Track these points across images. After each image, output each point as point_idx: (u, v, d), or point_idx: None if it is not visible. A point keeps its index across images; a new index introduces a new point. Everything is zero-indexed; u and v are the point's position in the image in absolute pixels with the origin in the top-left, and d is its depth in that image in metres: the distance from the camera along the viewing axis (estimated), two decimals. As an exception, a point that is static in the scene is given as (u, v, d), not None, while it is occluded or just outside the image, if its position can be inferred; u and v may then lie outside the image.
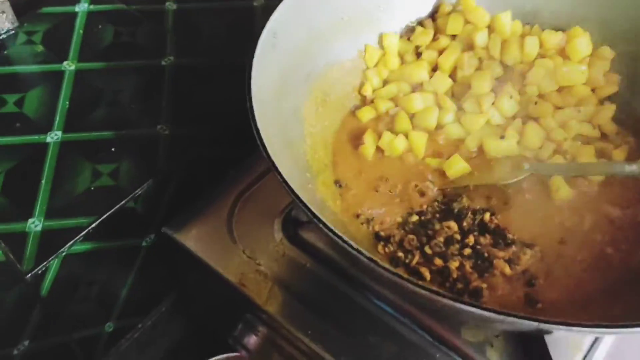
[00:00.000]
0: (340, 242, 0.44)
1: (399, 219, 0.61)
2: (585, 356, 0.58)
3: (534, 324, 0.42)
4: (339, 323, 0.60)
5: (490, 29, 0.71)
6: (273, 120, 0.57)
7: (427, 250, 0.57)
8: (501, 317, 0.42)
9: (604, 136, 0.66)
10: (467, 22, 0.71)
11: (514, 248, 0.58)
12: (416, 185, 0.63)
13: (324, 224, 0.45)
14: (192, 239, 0.68)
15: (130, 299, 0.74)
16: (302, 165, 0.61)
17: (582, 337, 0.57)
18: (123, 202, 0.65)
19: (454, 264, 0.55)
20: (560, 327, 0.42)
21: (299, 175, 0.58)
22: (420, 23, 0.74)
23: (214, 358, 0.75)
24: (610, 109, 0.67)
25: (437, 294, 0.43)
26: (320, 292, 0.63)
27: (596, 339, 0.59)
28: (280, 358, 0.73)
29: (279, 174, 0.48)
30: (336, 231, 0.45)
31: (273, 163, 0.48)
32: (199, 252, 0.67)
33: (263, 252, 0.66)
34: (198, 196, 0.71)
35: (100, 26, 0.83)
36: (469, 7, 0.72)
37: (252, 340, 0.76)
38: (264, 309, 0.62)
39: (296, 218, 0.68)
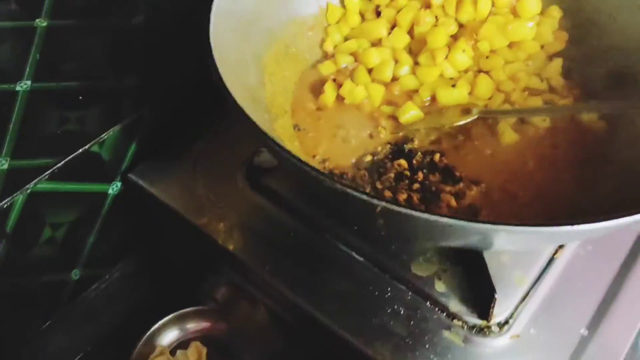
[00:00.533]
0: (305, 167, 0.46)
1: (353, 160, 0.63)
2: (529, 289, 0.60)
3: (473, 226, 0.44)
4: (297, 261, 0.63)
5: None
6: (234, 66, 0.60)
7: (378, 185, 0.60)
8: (443, 219, 0.43)
9: (552, 89, 0.70)
10: (423, -20, 0.75)
11: (461, 185, 0.61)
12: (371, 131, 0.66)
13: (290, 154, 0.47)
14: (157, 186, 0.71)
15: (97, 247, 0.75)
16: (261, 107, 0.63)
17: (524, 272, 0.60)
18: (88, 145, 0.67)
19: (402, 196, 0.58)
20: (496, 226, 0.43)
21: (257, 117, 0.61)
22: (381, -18, 0.77)
23: (182, 311, 0.77)
24: (557, 64, 0.70)
25: (385, 201, 0.44)
26: (280, 233, 0.65)
27: (539, 277, 0.61)
28: (246, 308, 0.75)
29: (244, 114, 0.50)
30: (302, 159, 0.47)
31: (238, 107, 0.50)
32: (164, 198, 0.70)
33: (226, 198, 0.68)
34: (164, 144, 0.73)
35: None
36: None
37: (219, 292, 0.79)
38: (225, 248, 0.64)
39: (258, 166, 0.70)
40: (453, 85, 0.68)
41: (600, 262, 0.61)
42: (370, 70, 0.71)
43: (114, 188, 0.74)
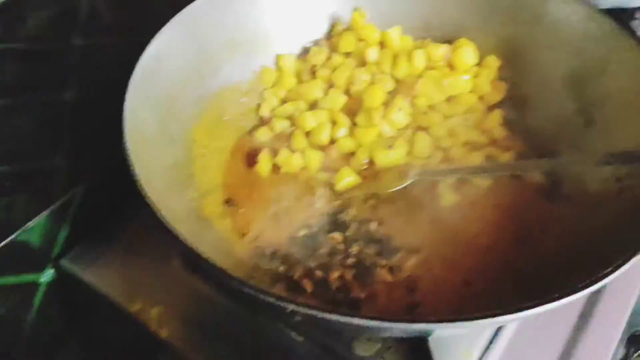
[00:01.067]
0: (214, 268, 0.43)
1: (288, 235, 0.60)
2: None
3: (401, 326, 0.42)
4: (237, 345, 0.59)
5: (382, 45, 0.73)
6: (155, 146, 0.57)
7: (311, 262, 0.57)
8: (372, 322, 0.41)
9: (493, 142, 0.68)
10: (359, 39, 0.73)
11: (398, 255, 0.58)
12: (307, 201, 0.63)
13: (196, 252, 0.45)
14: (90, 271, 0.67)
15: (31, 343, 0.71)
16: (189, 186, 0.61)
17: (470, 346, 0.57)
18: (14, 235, 0.64)
19: (334, 275, 0.55)
20: (431, 324, 0.41)
21: (182, 199, 0.58)
22: (316, 43, 0.76)
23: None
24: (497, 115, 0.68)
25: (295, 303, 0.42)
26: (218, 317, 0.61)
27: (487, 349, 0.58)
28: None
29: (152, 204, 0.47)
30: (209, 259, 0.44)
31: (148, 198, 0.48)
32: (96, 283, 0.66)
33: (161, 281, 0.65)
34: (98, 226, 0.71)
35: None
36: (359, 24, 0.73)
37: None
38: (158, 335, 0.61)
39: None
40: (390, 147, 0.65)
41: (551, 326, 0.58)
42: (307, 134, 0.69)
43: (46, 276, 0.70)
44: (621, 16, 0.79)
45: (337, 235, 0.59)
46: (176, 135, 0.63)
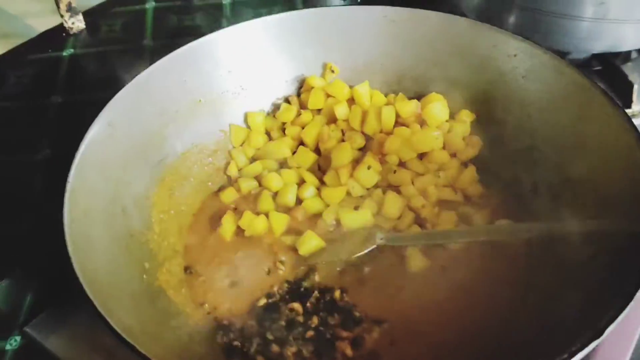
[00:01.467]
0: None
1: (246, 305, 0.57)
2: None
3: None
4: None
5: (351, 101, 0.71)
6: (104, 218, 0.55)
7: (269, 336, 0.54)
8: None
9: (467, 199, 0.65)
10: (329, 95, 0.71)
11: (362, 326, 0.54)
12: (268, 267, 0.60)
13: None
14: (53, 339, 0.64)
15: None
16: (144, 256, 0.58)
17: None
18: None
19: (290, 350, 0.52)
20: None
21: (132, 272, 0.56)
22: (287, 99, 0.74)
23: None
24: (471, 171, 0.65)
25: None
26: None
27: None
28: None
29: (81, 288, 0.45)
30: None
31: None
32: (59, 353, 0.64)
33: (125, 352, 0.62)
34: (64, 291, 0.68)
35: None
36: (328, 81, 0.72)
37: None
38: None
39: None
40: (355, 208, 0.63)
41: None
42: (274, 194, 0.67)
43: (13, 343, 0.68)
44: (614, 59, 0.77)
45: (297, 306, 0.56)
46: (129, 204, 0.60)
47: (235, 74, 0.71)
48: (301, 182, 0.67)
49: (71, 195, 0.52)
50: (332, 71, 0.73)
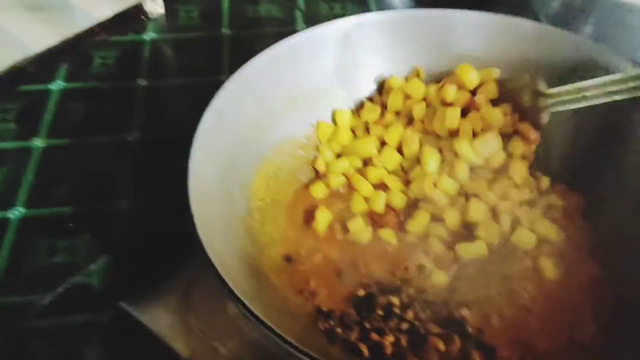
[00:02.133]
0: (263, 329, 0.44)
1: (345, 295, 0.61)
2: None
3: None
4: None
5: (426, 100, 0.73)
6: (215, 202, 0.59)
7: (367, 325, 0.58)
8: None
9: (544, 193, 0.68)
10: (407, 96, 0.74)
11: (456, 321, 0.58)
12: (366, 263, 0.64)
13: (253, 314, 0.47)
14: (147, 314, 0.69)
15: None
16: (248, 240, 0.62)
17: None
18: (75, 278, 0.67)
19: (389, 339, 0.55)
20: None
21: (241, 252, 0.60)
22: (370, 98, 0.77)
23: None
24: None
25: None
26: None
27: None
28: None
29: (211, 263, 0.49)
30: (265, 321, 0.46)
31: (206, 252, 0.49)
32: (152, 327, 0.67)
33: (217, 328, 0.66)
34: (157, 270, 0.72)
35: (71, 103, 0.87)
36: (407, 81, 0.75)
37: None
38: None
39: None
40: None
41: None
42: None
43: (108, 316, 0.72)
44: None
45: (394, 298, 0.59)
46: (235, 189, 0.64)
47: (329, 71, 0.74)
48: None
49: (193, 181, 0.55)
50: (417, 75, 0.76)
